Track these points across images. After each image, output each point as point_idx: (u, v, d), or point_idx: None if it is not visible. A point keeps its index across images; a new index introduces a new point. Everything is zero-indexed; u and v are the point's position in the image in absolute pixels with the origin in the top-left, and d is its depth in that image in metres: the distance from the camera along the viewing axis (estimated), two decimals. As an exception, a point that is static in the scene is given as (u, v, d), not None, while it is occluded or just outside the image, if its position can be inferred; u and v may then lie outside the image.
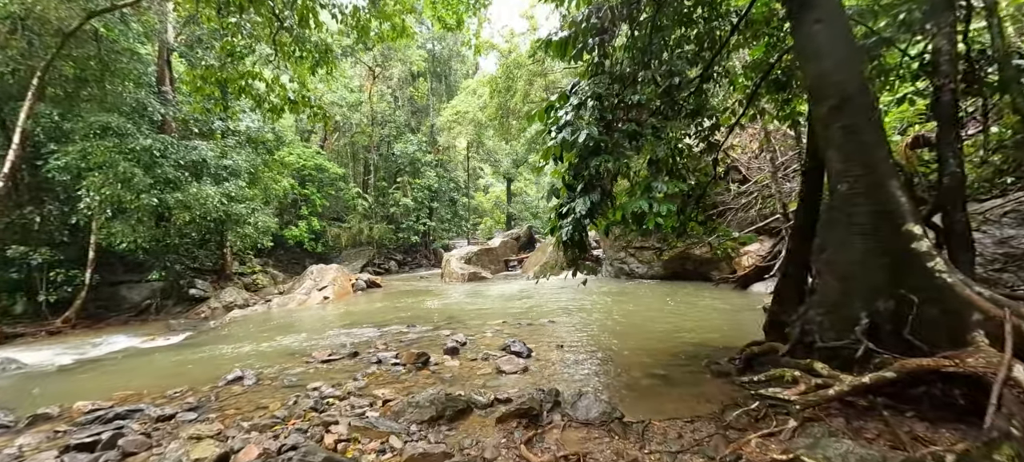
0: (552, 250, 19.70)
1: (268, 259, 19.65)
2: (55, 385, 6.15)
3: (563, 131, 3.77)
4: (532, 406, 3.68)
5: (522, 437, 3.36)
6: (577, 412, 3.43)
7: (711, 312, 8.97)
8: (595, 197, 3.75)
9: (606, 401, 3.51)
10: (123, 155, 9.82)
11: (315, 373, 5.70)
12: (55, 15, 10.00)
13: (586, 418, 3.34)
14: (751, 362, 4.63)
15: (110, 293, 13.44)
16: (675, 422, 3.42)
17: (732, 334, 6.88)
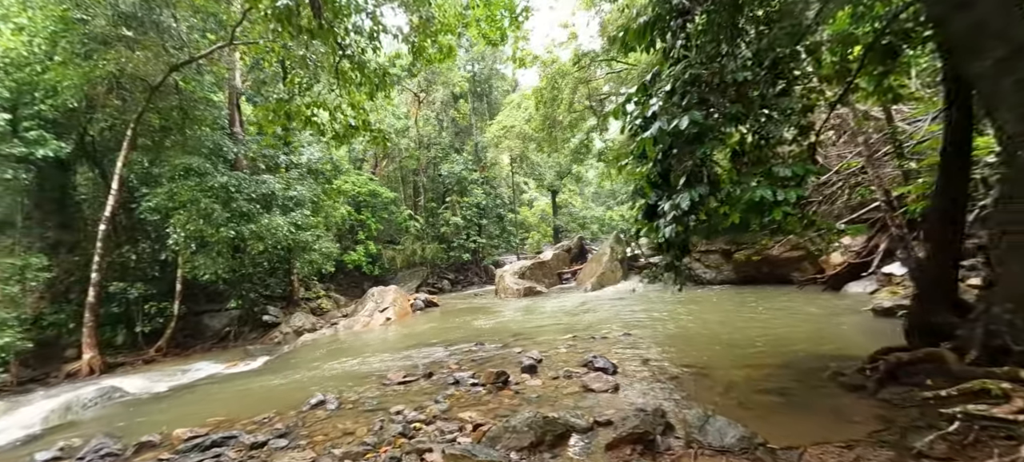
0: (607, 261, 19.02)
1: (330, 284, 20.41)
2: (153, 412, 6.45)
3: (655, 123, 3.40)
4: (647, 430, 3.26)
5: None
6: (706, 436, 2.97)
7: (807, 318, 8.04)
8: (702, 190, 3.33)
9: (741, 425, 3.02)
10: (203, 193, 10.54)
11: (393, 396, 5.57)
12: (143, 71, 11.02)
13: (721, 444, 2.87)
14: (895, 373, 3.93)
15: (195, 322, 14.39)
16: (829, 448, 2.87)
17: (845, 341, 6.06)
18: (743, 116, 3.46)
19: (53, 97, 10.75)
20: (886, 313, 7.07)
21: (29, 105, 10.87)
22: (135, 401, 7.29)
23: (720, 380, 4.96)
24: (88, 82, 9.93)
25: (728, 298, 11.35)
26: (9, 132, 10.31)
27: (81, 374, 10.77)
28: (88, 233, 13.13)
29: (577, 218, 36.51)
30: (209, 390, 7.56)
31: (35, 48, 10.82)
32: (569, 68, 14.66)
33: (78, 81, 9.79)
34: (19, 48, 10.60)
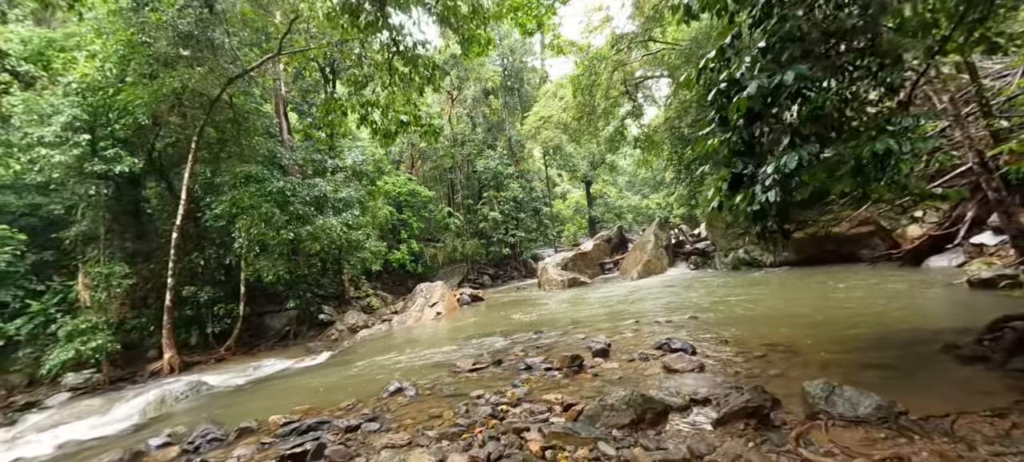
0: (652, 248, 18.56)
1: (376, 283, 21.00)
2: (239, 402, 6.82)
3: (749, 83, 3.20)
4: (760, 404, 3.11)
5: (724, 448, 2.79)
6: (834, 408, 2.78)
7: (891, 294, 7.50)
8: (811, 148, 3.11)
9: (874, 394, 2.81)
10: (263, 198, 11.04)
11: (468, 382, 5.62)
12: (202, 87, 11.65)
13: (854, 415, 2.69)
14: None
15: (257, 323, 15.14)
16: (976, 417, 2.63)
17: (944, 315, 5.61)
18: (851, 69, 3.20)
19: (125, 117, 11.54)
20: (984, 284, 6.50)
21: (104, 126, 11.72)
22: (219, 394, 7.73)
23: (813, 358, 4.70)
24: (155, 100, 10.57)
25: (792, 279, 10.80)
26: (90, 152, 11.16)
27: (163, 372, 11.56)
28: (159, 242, 14.07)
29: (612, 208, 35.89)
30: (285, 383, 7.91)
31: (106, 72, 11.65)
32: (606, 52, 14.33)
33: (148, 100, 10.45)
34: (93, 74, 11.44)
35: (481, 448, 3.39)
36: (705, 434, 3.16)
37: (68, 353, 10.18)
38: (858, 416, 2.67)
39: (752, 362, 4.77)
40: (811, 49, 3.14)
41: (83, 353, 10.32)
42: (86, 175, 11.14)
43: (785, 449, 2.55)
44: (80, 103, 11.27)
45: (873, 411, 2.64)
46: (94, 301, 11.26)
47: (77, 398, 10.13)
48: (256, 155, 12.46)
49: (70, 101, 11.12)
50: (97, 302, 11.25)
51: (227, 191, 11.35)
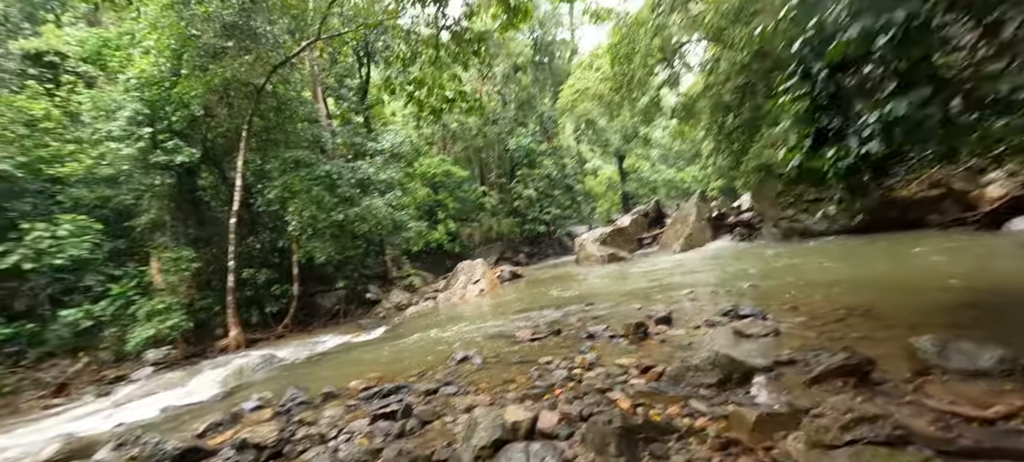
0: (694, 221, 18.09)
1: (416, 263, 21.56)
2: (312, 372, 7.24)
3: (855, 24, 2.99)
4: (859, 362, 3.02)
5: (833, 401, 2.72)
6: (949, 361, 2.68)
7: (974, 257, 7.05)
8: (924, 91, 2.90)
9: (996, 345, 2.68)
10: (313, 181, 11.44)
11: (532, 350, 5.72)
12: (247, 76, 12.05)
13: (974, 368, 2.58)
14: None
15: (310, 302, 15.92)
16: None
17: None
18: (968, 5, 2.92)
19: (181, 110, 12.14)
20: (1088, 243, 5.98)
21: (162, 119, 12.38)
22: (290, 365, 8.23)
23: (897, 320, 4.48)
24: (207, 91, 11.03)
25: (853, 247, 10.29)
26: (151, 145, 11.85)
27: (230, 349, 12.40)
28: (217, 228, 14.92)
29: (647, 183, 35.15)
30: (347, 355, 8.33)
31: (161, 67, 12.23)
32: (647, 15, 13.77)
33: (201, 92, 10.92)
34: (150, 69, 12.04)
35: (568, 405, 3.48)
36: (797, 391, 3.11)
37: (148, 331, 11.05)
38: (978, 368, 2.55)
39: (830, 326, 4.61)
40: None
41: (161, 331, 11.18)
42: (150, 166, 11.86)
43: (906, 400, 2.47)
44: (140, 98, 11.91)
45: (995, 363, 2.52)
46: (166, 283, 12.12)
47: (159, 372, 11.05)
48: (301, 141, 12.88)
49: (131, 96, 11.77)
50: (169, 284, 12.10)
51: (277, 177, 11.83)
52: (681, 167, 39.50)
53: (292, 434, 3.92)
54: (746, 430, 2.52)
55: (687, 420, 2.93)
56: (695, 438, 2.70)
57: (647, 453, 2.63)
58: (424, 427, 3.72)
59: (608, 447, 2.64)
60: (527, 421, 3.02)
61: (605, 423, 2.78)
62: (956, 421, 2.09)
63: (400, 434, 3.64)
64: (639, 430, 2.74)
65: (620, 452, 2.60)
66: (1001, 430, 1.89)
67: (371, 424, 3.91)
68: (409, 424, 3.75)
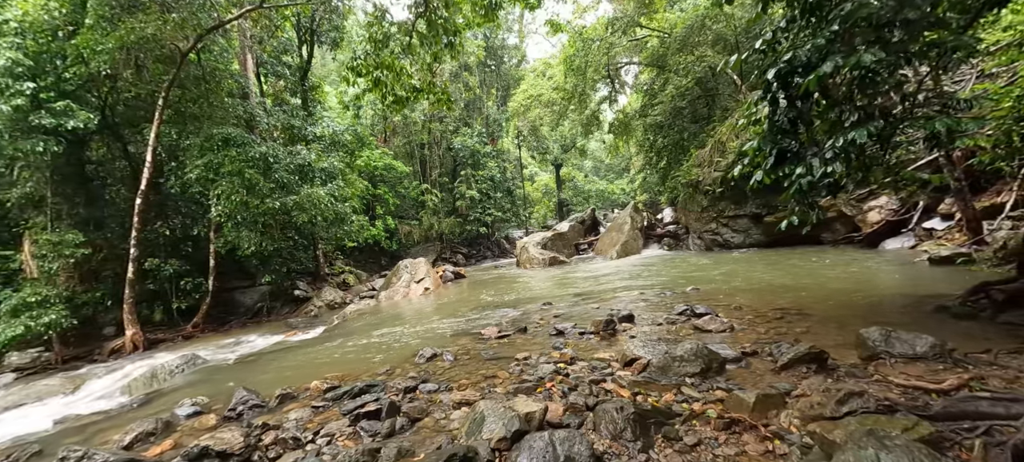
0: (629, 230, 19.31)
1: (349, 259, 20.31)
2: (249, 375, 6.48)
3: (829, 61, 3.47)
4: (819, 352, 3.48)
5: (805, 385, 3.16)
6: (894, 349, 3.20)
7: (864, 269, 8.41)
8: (876, 124, 3.45)
9: (927, 335, 3.25)
10: (246, 163, 10.28)
11: (502, 347, 5.71)
12: (173, 37, 10.53)
13: (913, 353, 3.11)
14: (1014, 300, 4.22)
15: (226, 298, 14.23)
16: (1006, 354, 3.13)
17: (922, 284, 6.40)
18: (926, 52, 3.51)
19: (78, 66, 10.23)
20: (943, 261, 7.47)
21: (49, 74, 10.32)
22: (219, 368, 7.29)
23: (827, 317, 5.23)
24: (121, 48, 9.43)
25: (765, 258, 11.73)
26: (32, 103, 9.81)
27: (125, 351, 10.63)
28: (112, 210, 12.74)
29: (581, 192, 36.78)
30: (290, 355, 7.58)
31: (51, 11, 10.21)
32: (602, 32, 14.52)
33: (112, 47, 9.31)
34: (36, 12, 9.99)
35: (565, 397, 3.54)
36: (767, 377, 3.50)
37: (16, 329, 9.12)
38: (917, 354, 3.09)
39: (773, 323, 5.24)
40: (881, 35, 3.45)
41: (34, 329, 9.29)
42: (30, 129, 9.81)
43: (873, 379, 2.91)
44: (19, 45, 9.85)
45: (929, 349, 3.08)
46: (42, 272, 10.08)
47: (25, 379, 9.15)
48: (229, 117, 11.52)
49: (7, 42, 9.68)
50: (46, 273, 10.08)
51: (199, 155, 10.43)
52: (611, 179, 42.04)
53: (258, 439, 3.50)
54: (746, 410, 2.78)
55: (685, 405, 3.15)
56: (698, 420, 2.91)
57: (660, 436, 2.77)
58: (415, 425, 3.55)
59: (624, 432, 2.74)
60: (539, 411, 3.03)
61: (617, 410, 2.88)
62: (918, 393, 2.52)
63: (390, 433, 3.43)
64: (650, 415, 2.89)
65: (635, 436, 2.72)
66: (958, 398, 2.33)
67: (353, 425, 3.63)
68: (398, 422, 3.55)
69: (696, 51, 12.74)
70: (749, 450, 2.53)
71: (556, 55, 20.54)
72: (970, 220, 7.73)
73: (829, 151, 3.68)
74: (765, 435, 2.59)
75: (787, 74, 4.14)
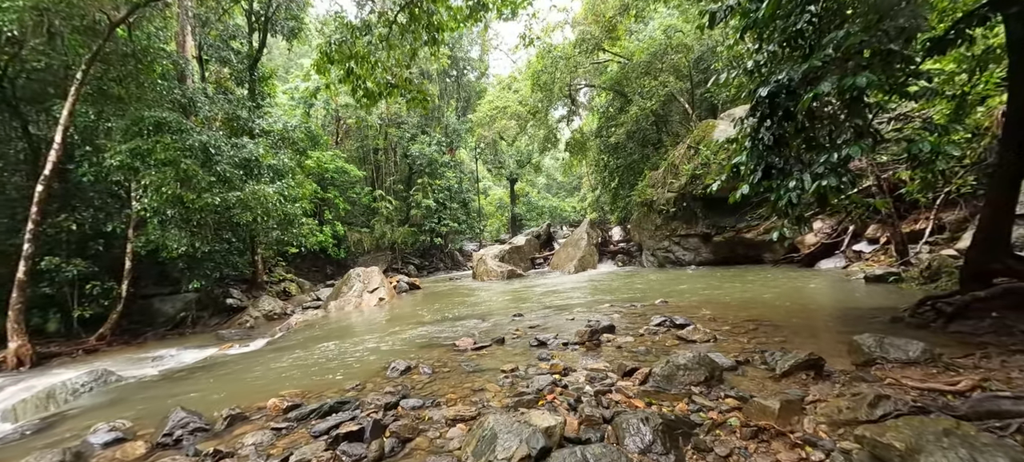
0: (586, 245, 19.67)
1: (290, 266, 18.74)
2: (181, 392, 5.54)
3: (826, 80, 3.63)
4: (818, 359, 3.56)
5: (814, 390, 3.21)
6: (889, 354, 3.32)
7: (814, 285, 9.06)
8: (866, 143, 3.65)
9: (917, 341, 3.42)
10: (182, 152, 9.09)
11: (482, 360, 5.36)
12: (97, 5, 9.18)
13: (907, 358, 3.25)
14: (962, 312, 4.64)
15: (143, 306, 12.44)
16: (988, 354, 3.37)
17: (867, 299, 6.96)
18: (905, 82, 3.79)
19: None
20: (878, 279, 8.24)
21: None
22: (141, 385, 6.19)
23: (797, 328, 5.47)
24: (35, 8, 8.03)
25: (716, 275, 12.37)
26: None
27: (7, 366, 8.83)
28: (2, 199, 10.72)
29: (534, 207, 37.18)
30: (229, 370, 6.63)
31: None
32: (569, 51, 14.85)
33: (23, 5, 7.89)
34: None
35: (570, 411, 3.30)
36: (768, 383, 3.50)
37: None
38: (910, 358, 3.24)
39: (750, 334, 5.39)
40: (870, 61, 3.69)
41: None
42: None
43: (886, 383, 2.97)
44: None
45: (920, 354, 3.24)
46: None
47: None
48: (162, 101, 10.21)
49: None
50: (-98, 271, 8.16)
51: (124, 139, 9.07)
52: (562, 197, 43.05)
53: (213, 468, 2.88)
54: (772, 417, 2.71)
55: (701, 414, 3.03)
56: (721, 429, 2.80)
57: (689, 447, 2.62)
58: (407, 445, 3.12)
59: (653, 445, 2.55)
60: (558, 426, 2.76)
61: (643, 421, 2.70)
62: (936, 395, 2.59)
63: (379, 457, 2.98)
64: (676, 425, 2.73)
65: (666, 448, 2.54)
66: (978, 399, 2.41)
67: (331, 449, 3.11)
68: (387, 444, 3.10)
69: (659, 76, 13.45)
70: (782, 458, 2.44)
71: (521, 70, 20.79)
72: (898, 243, 8.65)
73: (820, 167, 3.85)
74: (795, 442, 2.52)
75: (775, 94, 4.33)
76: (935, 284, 7.22)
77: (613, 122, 17.57)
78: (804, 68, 3.89)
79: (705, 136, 14.95)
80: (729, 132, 14.45)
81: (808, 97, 3.69)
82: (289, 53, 24.32)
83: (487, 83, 27.85)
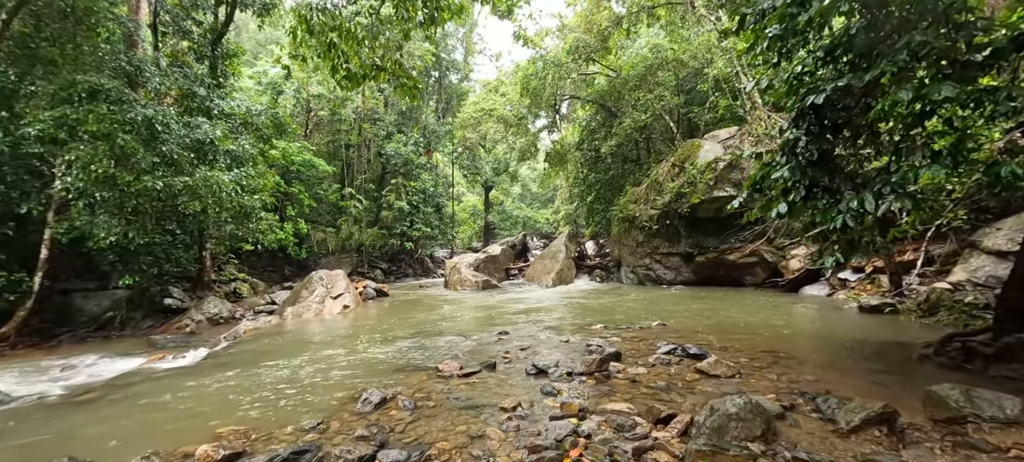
0: (564, 258, 19.12)
1: (244, 264, 17.07)
2: (89, 425, 4.36)
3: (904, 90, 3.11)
4: (892, 412, 3.00)
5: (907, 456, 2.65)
6: (982, 411, 2.80)
7: (808, 312, 8.82)
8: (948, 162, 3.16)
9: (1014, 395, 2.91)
10: (120, 126, 7.74)
11: (472, 391, 4.53)
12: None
13: (1005, 417, 2.73)
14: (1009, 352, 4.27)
15: (60, 303, 10.67)
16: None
17: (876, 332, 6.64)
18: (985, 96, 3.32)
19: None
20: (873, 310, 8.05)
21: None
22: (27, 413, 4.90)
23: (821, 365, 4.98)
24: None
25: (701, 296, 12.04)
26: None
27: None
28: None
29: (509, 217, 36.51)
30: (156, 391, 5.43)
31: None
32: (563, 58, 14.37)
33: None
34: None
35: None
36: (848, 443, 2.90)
37: None
38: (1009, 417, 2.73)
39: (774, 368, 4.85)
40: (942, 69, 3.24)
41: None
42: None
43: (991, 452, 2.42)
44: None
45: (1020, 412, 2.74)
46: None
47: None
48: (104, 66, 8.80)
49: None
50: None
51: (50, 106, 7.63)
52: (536, 208, 42.68)
53: None
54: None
55: (781, 490, 2.37)
56: (819, 519, 2.13)
57: (792, 551, 1.92)
58: (391, 527, 2.27)
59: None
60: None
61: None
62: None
63: (354, 547, 2.11)
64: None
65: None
66: None
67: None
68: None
69: (654, 90, 13.23)
70: None
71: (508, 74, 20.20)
72: (892, 274, 8.54)
73: (887, 186, 3.34)
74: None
75: (832, 102, 3.84)
76: (935, 318, 7.05)
77: (595, 136, 17.24)
78: (870, 75, 3.39)
79: (690, 155, 14.82)
80: (716, 152, 14.48)
81: (879, 106, 3.18)
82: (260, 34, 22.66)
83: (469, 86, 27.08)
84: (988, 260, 7.81)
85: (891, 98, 3.13)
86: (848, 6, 3.99)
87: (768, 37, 4.56)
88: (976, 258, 8.00)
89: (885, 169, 3.57)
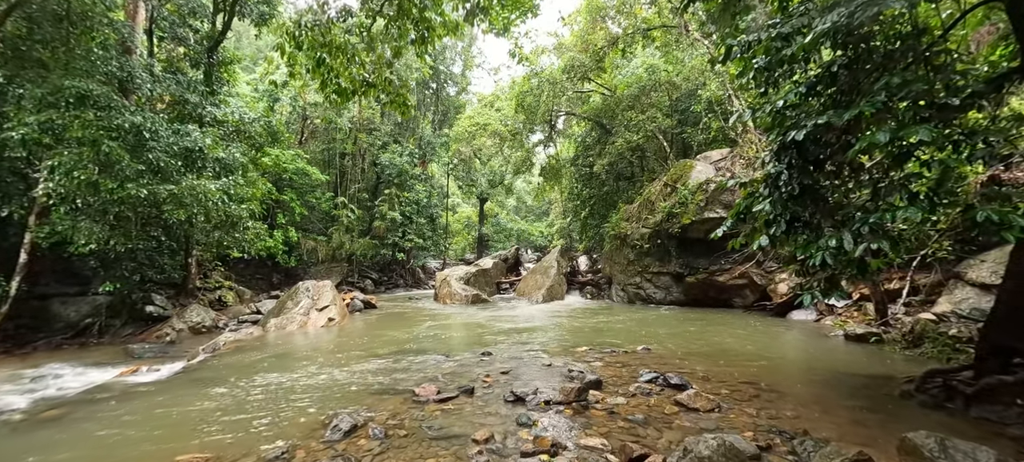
0: (555, 274, 19.05)
1: (231, 271, 16.86)
2: (51, 448, 4.22)
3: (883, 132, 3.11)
4: (868, 458, 2.94)
5: None
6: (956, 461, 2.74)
7: (794, 339, 8.79)
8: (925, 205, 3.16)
9: (987, 447, 2.86)
10: (106, 132, 7.66)
11: (446, 418, 4.43)
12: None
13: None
14: (990, 393, 4.23)
15: (38, 308, 10.48)
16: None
17: (859, 364, 6.60)
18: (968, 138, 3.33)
19: None
20: (858, 338, 8.03)
21: None
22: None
23: (802, 399, 4.92)
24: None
25: (691, 318, 11.98)
26: None
27: None
28: None
29: (503, 229, 36.47)
30: (126, 407, 5.28)
31: None
32: (558, 76, 14.49)
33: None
34: None
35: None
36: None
37: None
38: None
39: (754, 401, 4.79)
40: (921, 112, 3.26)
41: None
42: None
43: None
44: None
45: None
46: None
47: None
48: (95, 71, 8.75)
49: None
50: None
51: (36, 110, 7.55)
52: (531, 221, 42.69)
53: None
54: None
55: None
56: None
57: None
58: None
59: None
60: None
61: None
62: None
63: None
64: None
65: None
66: None
67: None
68: None
69: (647, 111, 13.35)
70: None
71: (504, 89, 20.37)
72: (878, 302, 8.54)
73: (865, 225, 3.33)
74: None
75: (812, 139, 3.85)
76: (919, 350, 7.03)
77: (590, 152, 17.33)
78: (850, 114, 3.40)
79: (682, 175, 14.90)
80: (708, 173, 14.57)
81: (858, 146, 3.19)
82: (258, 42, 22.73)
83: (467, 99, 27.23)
84: (972, 292, 7.84)
85: (868, 138, 3.14)
86: (831, 42, 4.03)
87: (755, 67, 4.61)
88: (960, 289, 8.03)
89: (865, 207, 3.57)
